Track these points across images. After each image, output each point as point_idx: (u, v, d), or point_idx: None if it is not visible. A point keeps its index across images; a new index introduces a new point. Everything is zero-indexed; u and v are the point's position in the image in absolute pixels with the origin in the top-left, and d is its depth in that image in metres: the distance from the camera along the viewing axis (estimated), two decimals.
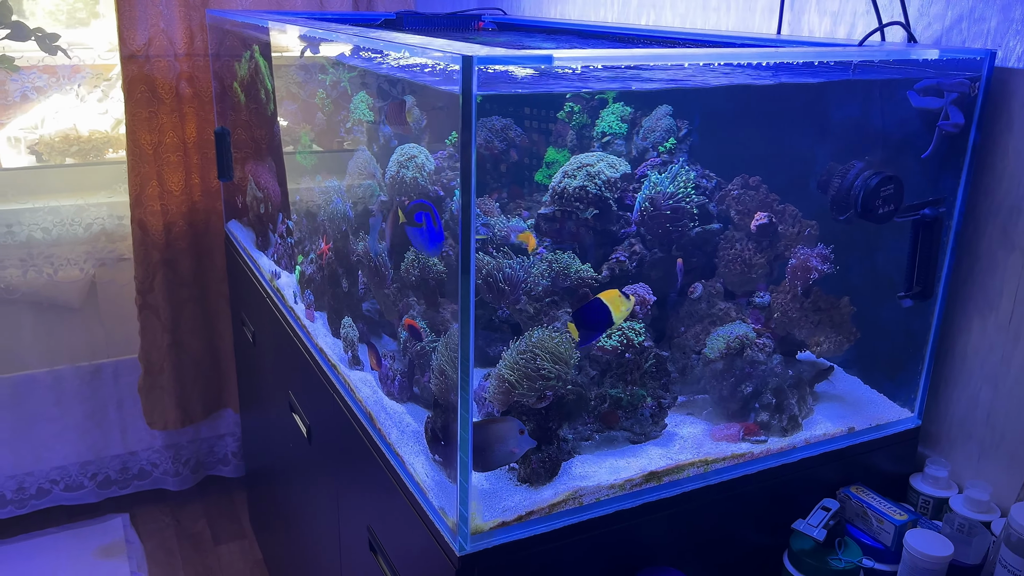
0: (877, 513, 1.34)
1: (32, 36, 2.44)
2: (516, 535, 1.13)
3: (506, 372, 1.16)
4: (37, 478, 2.70)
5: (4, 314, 2.56)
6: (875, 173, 1.23)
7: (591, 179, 1.34)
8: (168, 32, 2.43)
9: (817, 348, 1.36)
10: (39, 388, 2.63)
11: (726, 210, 1.43)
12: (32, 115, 2.78)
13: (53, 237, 2.52)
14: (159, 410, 2.76)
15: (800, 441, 1.34)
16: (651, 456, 1.26)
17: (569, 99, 1.78)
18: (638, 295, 1.27)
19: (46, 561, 2.64)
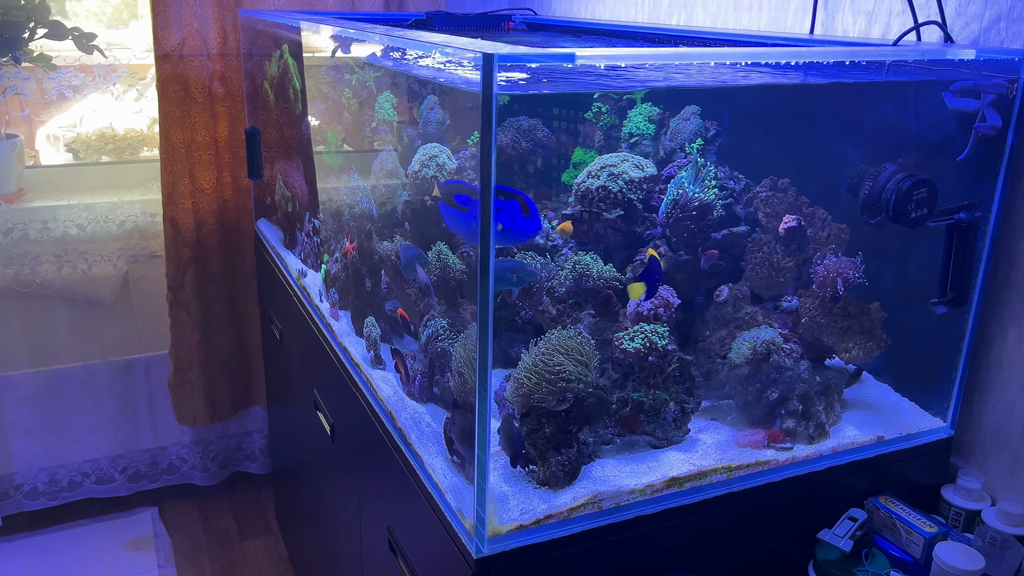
0: (906, 525, 1.31)
1: (69, 35, 2.47)
2: (534, 538, 1.12)
3: (526, 373, 1.14)
4: (69, 471, 2.74)
5: (39, 309, 2.60)
6: (908, 176, 1.20)
7: (614, 179, 1.33)
8: (202, 32, 2.45)
9: (846, 354, 1.33)
10: (72, 382, 2.67)
11: (754, 212, 1.40)
12: (71, 114, 2.83)
13: (87, 234, 2.55)
14: (188, 406, 2.78)
15: (827, 449, 1.31)
16: (673, 461, 1.24)
17: (597, 99, 1.76)
18: (661, 298, 1.25)
19: (77, 552, 2.68)
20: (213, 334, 2.75)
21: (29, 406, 2.65)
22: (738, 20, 1.83)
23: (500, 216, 1.02)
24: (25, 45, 2.40)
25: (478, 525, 1.09)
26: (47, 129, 2.83)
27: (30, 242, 2.50)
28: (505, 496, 1.16)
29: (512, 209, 1.04)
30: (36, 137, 2.76)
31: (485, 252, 0.96)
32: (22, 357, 2.60)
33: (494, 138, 0.92)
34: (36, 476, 2.72)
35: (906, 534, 1.31)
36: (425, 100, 1.49)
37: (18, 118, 2.61)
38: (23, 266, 2.51)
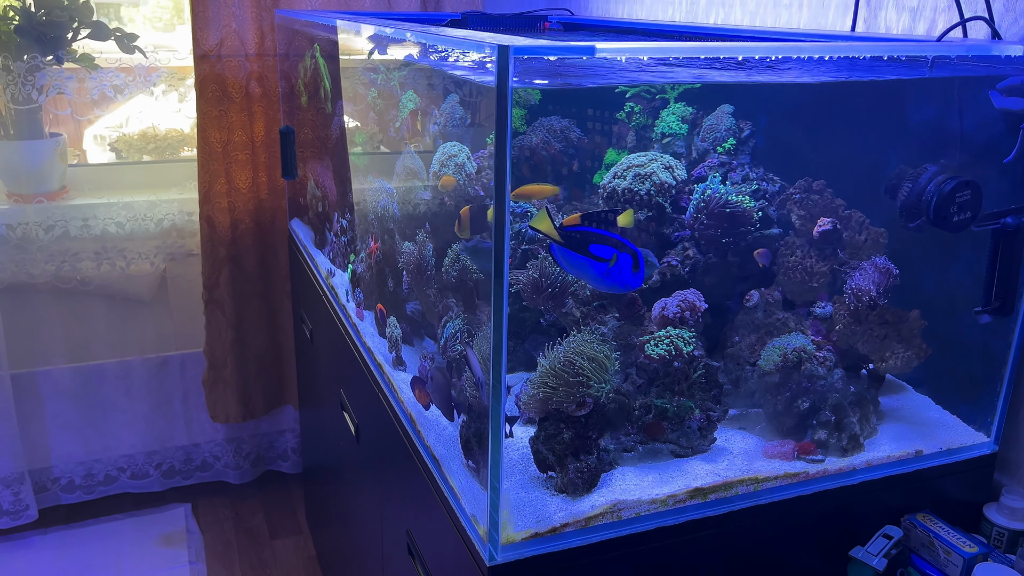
0: (945, 544, 1.24)
1: (112, 36, 2.51)
2: (550, 547, 1.08)
3: (544, 377, 1.11)
4: (105, 465, 2.78)
5: (78, 305, 2.64)
6: (950, 178, 1.15)
7: (640, 181, 1.29)
8: (240, 33, 2.47)
9: (883, 364, 1.28)
10: (109, 378, 2.70)
11: (787, 215, 1.35)
12: (118, 114, 2.87)
13: (126, 231, 2.58)
14: (222, 404, 2.80)
15: (861, 463, 1.26)
16: (697, 471, 1.19)
17: (629, 98, 1.73)
18: (688, 301, 1.21)
19: (110, 546, 2.71)
20: (247, 333, 2.76)
21: (68, 400, 2.69)
22: (777, 18, 1.77)
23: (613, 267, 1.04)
24: (68, 45, 2.44)
25: (491, 532, 1.06)
26: (95, 129, 2.88)
27: (70, 239, 2.53)
28: (522, 503, 1.13)
29: (624, 263, 1.04)
30: (84, 137, 2.81)
31: (499, 256, 0.93)
32: (61, 352, 2.64)
33: (509, 136, 0.89)
34: (73, 470, 2.76)
35: (944, 554, 1.25)
36: (448, 98, 1.47)
37: (65, 118, 2.65)
38: (63, 263, 2.55)
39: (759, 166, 1.51)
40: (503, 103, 0.88)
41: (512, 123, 0.87)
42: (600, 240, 1.05)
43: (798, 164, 1.50)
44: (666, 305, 1.22)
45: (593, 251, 1.06)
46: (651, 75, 1.13)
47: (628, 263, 1.03)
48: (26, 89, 2.35)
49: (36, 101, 2.38)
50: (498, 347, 0.96)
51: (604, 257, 1.05)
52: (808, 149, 1.56)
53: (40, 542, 2.73)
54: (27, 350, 2.59)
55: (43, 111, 2.43)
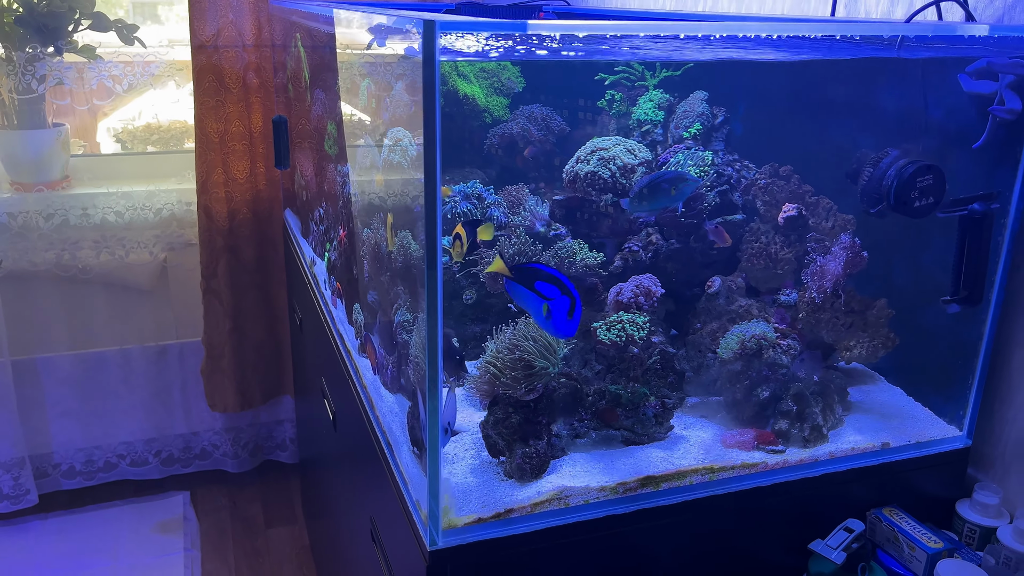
0: (909, 539, 1.21)
1: (112, 27, 2.53)
2: (493, 533, 1.07)
3: (491, 361, 1.10)
4: (105, 452, 2.81)
5: (78, 293, 2.67)
6: (911, 162, 1.12)
7: (604, 165, 1.27)
8: (237, 23, 2.48)
9: (847, 353, 1.25)
10: (108, 366, 2.73)
11: (752, 201, 1.33)
12: (131, 108, 2.91)
13: (125, 221, 2.60)
14: (220, 393, 2.82)
15: (824, 454, 1.23)
16: (651, 459, 1.18)
17: (608, 86, 1.71)
18: (643, 287, 1.19)
19: (108, 532, 2.74)
20: (245, 323, 2.78)
21: (68, 387, 2.72)
22: (762, 5, 1.74)
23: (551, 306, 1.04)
24: (69, 36, 2.47)
25: (431, 516, 1.05)
26: (109, 122, 2.92)
27: (70, 228, 2.56)
28: (469, 488, 1.12)
29: (560, 306, 1.03)
30: (97, 128, 2.84)
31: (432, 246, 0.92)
32: (62, 339, 2.67)
33: (438, 110, 0.88)
34: (73, 456, 2.79)
35: (908, 549, 1.21)
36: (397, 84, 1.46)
37: (78, 110, 2.69)
38: (63, 251, 2.58)
39: (733, 152, 1.48)
40: (430, 79, 0.87)
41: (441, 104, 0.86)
42: (547, 279, 1.05)
43: (775, 151, 1.48)
44: (621, 290, 1.20)
45: (539, 288, 1.06)
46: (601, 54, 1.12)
47: (564, 307, 1.02)
48: (26, 79, 2.38)
49: (36, 91, 2.41)
50: (433, 336, 0.95)
51: (547, 296, 1.05)
52: (785, 136, 1.53)
53: (40, 527, 2.77)
54: (28, 337, 2.63)
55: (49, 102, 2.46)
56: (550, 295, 1.02)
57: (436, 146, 0.89)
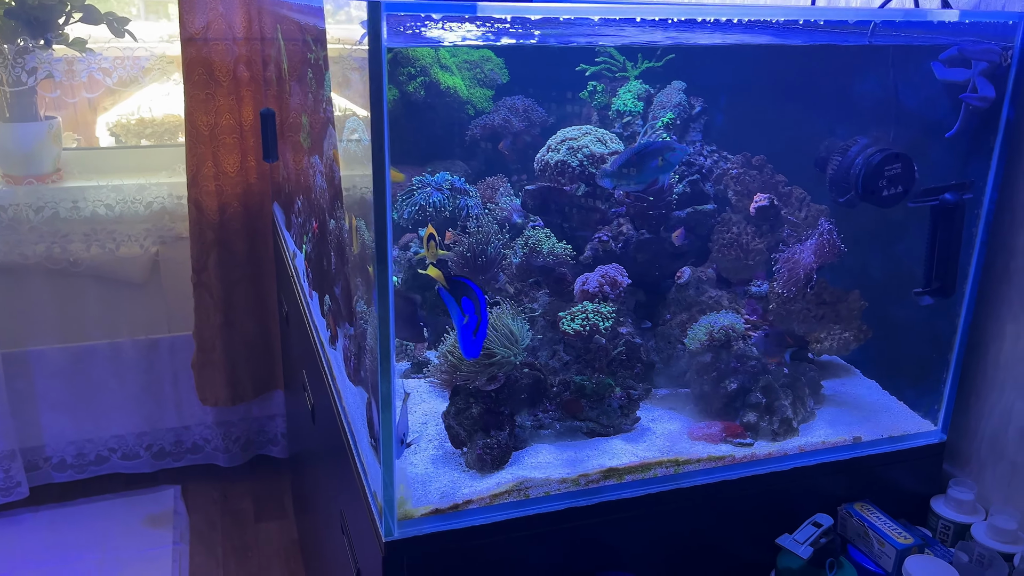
0: (879, 534, 1.19)
1: (103, 20, 2.53)
2: (451, 524, 1.06)
3: (451, 350, 1.09)
4: (96, 445, 2.81)
5: (69, 286, 2.67)
6: (879, 150, 1.10)
7: (572, 153, 1.26)
8: (227, 16, 2.47)
9: (818, 345, 1.23)
10: (99, 359, 2.72)
11: (724, 190, 1.31)
12: (130, 102, 2.91)
13: (116, 214, 2.60)
14: (211, 387, 2.81)
15: (793, 448, 1.21)
16: (615, 451, 1.16)
17: (589, 77, 1.69)
18: (608, 276, 1.18)
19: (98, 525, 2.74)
20: (236, 316, 2.77)
21: (58, 380, 2.72)
22: None
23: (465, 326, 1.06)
24: (59, 29, 2.47)
25: (386, 507, 1.04)
26: (108, 116, 2.93)
27: (60, 221, 2.56)
28: (429, 478, 1.11)
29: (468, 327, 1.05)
30: (96, 123, 2.84)
31: (381, 239, 0.91)
32: (52, 332, 2.67)
33: (384, 94, 0.87)
34: (65, 449, 2.79)
35: (878, 545, 1.20)
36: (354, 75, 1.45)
37: (65, 102, 2.69)
38: (53, 244, 2.58)
39: (712, 143, 1.46)
40: (376, 62, 0.86)
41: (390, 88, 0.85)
42: (471, 297, 1.06)
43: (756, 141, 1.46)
44: (586, 280, 1.19)
45: (464, 303, 1.06)
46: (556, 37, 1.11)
47: (471, 328, 1.04)
48: (16, 71, 2.38)
49: (26, 83, 2.41)
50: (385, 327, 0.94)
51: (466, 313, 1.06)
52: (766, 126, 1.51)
53: (32, 519, 2.77)
54: (19, 330, 2.63)
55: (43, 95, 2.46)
56: (468, 312, 1.04)
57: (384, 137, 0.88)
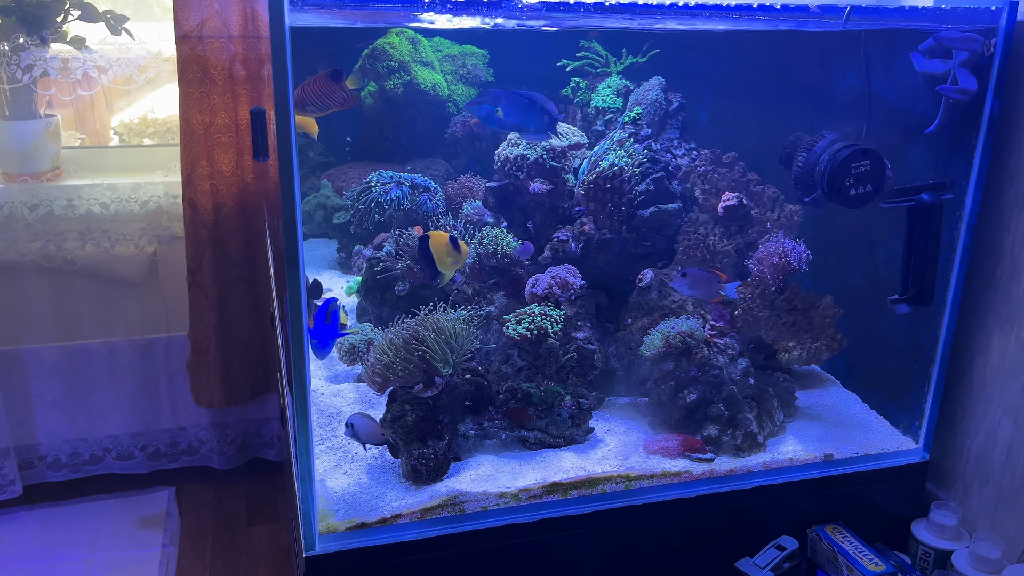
0: (848, 560, 1.11)
1: (101, 18, 2.52)
2: (379, 539, 1.00)
3: (383, 352, 1.03)
4: (91, 445, 2.79)
5: (64, 284, 2.66)
6: (846, 145, 1.02)
7: (532, 147, 1.19)
8: (222, 14, 2.45)
9: (786, 355, 1.15)
10: (94, 358, 2.71)
11: (691, 188, 1.23)
12: (144, 102, 2.91)
13: (111, 212, 2.59)
14: (205, 388, 2.78)
15: (758, 465, 1.13)
16: (562, 464, 1.09)
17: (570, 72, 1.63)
18: (559, 277, 1.11)
19: (90, 525, 2.72)
20: (231, 317, 2.73)
21: (53, 379, 2.71)
22: None
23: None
24: (56, 26, 2.46)
25: (306, 520, 0.98)
26: (121, 116, 2.93)
27: (55, 219, 2.55)
28: (360, 490, 1.05)
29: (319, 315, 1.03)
30: (107, 122, 2.84)
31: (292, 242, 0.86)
32: (47, 331, 2.66)
33: (290, 79, 0.81)
34: (59, 448, 2.78)
35: (847, 571, 1.11)
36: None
37: (72, 100, 2.68)
38: (48, 242, 2.56)
39: (690, 140, 1.39)
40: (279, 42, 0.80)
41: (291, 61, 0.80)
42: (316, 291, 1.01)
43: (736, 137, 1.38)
44: (536, 281, 1.12)
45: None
46: None
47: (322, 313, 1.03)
48: (11, 69, 2.38)
49: (21, 81, 2.41)
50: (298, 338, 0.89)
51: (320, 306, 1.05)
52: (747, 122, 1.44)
53: (25, 518, 2.76)
54: (14, 327, 2.62)
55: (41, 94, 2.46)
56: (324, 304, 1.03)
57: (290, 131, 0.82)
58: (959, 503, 1.19)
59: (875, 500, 1.19)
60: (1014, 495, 1.11)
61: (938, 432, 1.20)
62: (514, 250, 1.16)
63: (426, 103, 1.80)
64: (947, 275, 1.11)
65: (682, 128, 1.39)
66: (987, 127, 1.06)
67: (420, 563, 1.02)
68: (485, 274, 1.25)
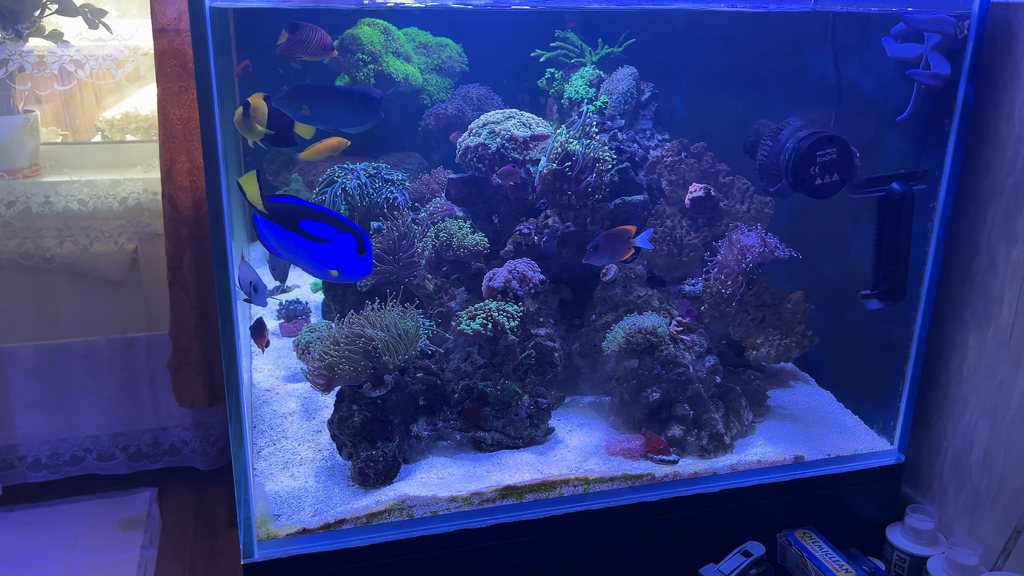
0: (817, 566, 1.06)
1: (79, 12, 2.48)
2: (322, 546, 0.96)
3: (327, 349, 0.99)
4: (71, 445, 2.76)
5: (42, 283, 2.62)
6: (811, 133, 0.97)
7: (493, 136, 1.15)
8: None
9: (754, 352, 1.10)
10: (73, 357, 2.67)
11: (657, 180, 1.19)
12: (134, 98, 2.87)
13: (89, 209, 2.55)
14: (187, 388, 2.74)
15: (724, 467, 1.09)
16: (518, 466, 1.05)
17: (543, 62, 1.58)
18: (517, 271, 1.06)
19: (69, 527, 2.68)
20: (212, 316, 2.69)
21: (32, 379, 2.67)
22: None
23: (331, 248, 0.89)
24: (36, 21, 2.42)
25: (244, 526, 0.94)
26: (110, 112, 2.89)
27: (32, 216, 2.52)
28: (305, 493, 1.01)
29: (345, 244, 0.89)
30: (94, 118, 2.80)
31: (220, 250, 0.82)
32: (25, 330, 2.63)
33: (212, 62, 0.77)
34: (39, 448, 2.75)
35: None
36: None
37: (71, 99, 2.65)
38: (26, 239, 2.53)
39: (664, 131, 1.35)
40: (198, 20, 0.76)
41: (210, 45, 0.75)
42: (314, 216, 0.88)
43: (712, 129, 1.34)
44: (493, 276, 1.08)
45: (304, 228, 0.89)
46: None
47: (351, 244, 0.87)
48: None
49: None
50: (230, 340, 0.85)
51: (320, 237, 0.88)
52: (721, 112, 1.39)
53: (3, 519, 2.72)
54: None
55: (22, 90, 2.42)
56: (325, 235, 0.87)
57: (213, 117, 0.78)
58: (936, 507, 1.15)
59: (848, 503, 1.15)
60: (992, 499, 1.07)
61: (914, 433, 1.15)
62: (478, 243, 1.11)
63: (399, 94, 1.76)
64: (921, 269, 1.07)
65: (655, 118, 1.34)
66: (961, 114, 1.01)
67: (365, 570, 0.97)
68: (445, 268, 1.20)
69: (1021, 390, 1.01)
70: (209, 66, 0.77)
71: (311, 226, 0.87)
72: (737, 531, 1.09)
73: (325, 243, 0.87)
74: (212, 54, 0.76)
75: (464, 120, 1.69)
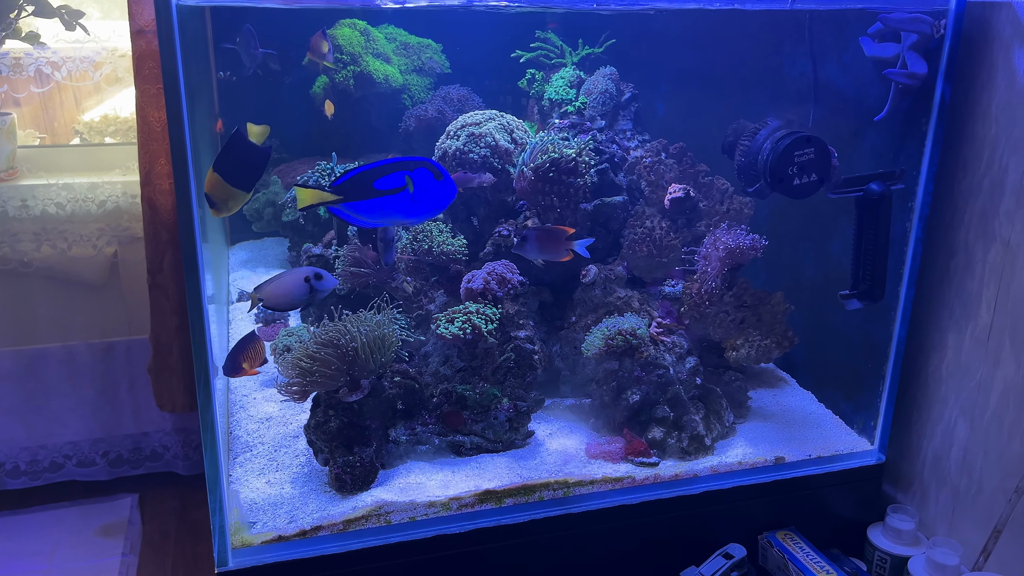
0: (798, 567, 1.06)
1: (56, 14, 2.45)
2: (297, 553, 0.95)
3: (300, 357, 0.97)
4: (51, 452, 2.72)
5: (20, 287, 2.59)
6: (788, 133, 0.97)
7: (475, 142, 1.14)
8: None
9: (734, 352, 1.10)
10: (52, 362, 2.64)
11: (637, 180, 1.18)
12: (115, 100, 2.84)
13: (67, 213, 2.52)
14: (168, 392, 2.71)
15: (705, 468, 1.08)
16: (497, 470, 1.04)
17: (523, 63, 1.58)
18: (496, 274, 1.06)
19: (48, 534, 2.65)
20: None
21: (9, 384, 2.63)
22: None
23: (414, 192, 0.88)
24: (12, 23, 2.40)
25: (218, 534, 0.93)
26: (89, 115, 2.86)
27: (9, 220, 2.48)
28: (281, 499, 1.00)
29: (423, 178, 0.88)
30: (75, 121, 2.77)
31: (189, 244, 0.81)
32: (2, 335, 2.59)
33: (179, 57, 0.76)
34: (18, 455, 2.71)
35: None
36: None
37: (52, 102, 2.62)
38: (2, 243, 2.49)
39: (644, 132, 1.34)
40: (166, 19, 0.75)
41: None
42: (382, 172, 0.87)
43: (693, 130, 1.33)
44: (472, 277, 1.07)
45: (380, 187, 0.88)
46: None
47: (428, 176, 0.86)
48: None
49: None
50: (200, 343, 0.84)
51: (399, 186, 0.87)
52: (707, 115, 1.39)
53: None
54: None
55: None
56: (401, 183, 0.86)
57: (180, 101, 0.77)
58: (916, 507, 1.15)
59: (830, 504, 1.15)
60: (972, 498, 1.07)
61: (894, 433, 1.15)
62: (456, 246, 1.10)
63: (379, 96, 1.74)
64: (900, 269, 1.07)
65: (635, 119, 1.34)
66: (938, 113, 1.01)
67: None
68: (425, 271, 1.19)
69: (999, 390, 1.01)
70: (176, 65, 0.76)
71: (384, 183, 0.86)
72: (718, 533, 1.08)
73: (405, 190, 0.86)
74: (179, 53, 0.75)
75: (444, 122, 1.68)
